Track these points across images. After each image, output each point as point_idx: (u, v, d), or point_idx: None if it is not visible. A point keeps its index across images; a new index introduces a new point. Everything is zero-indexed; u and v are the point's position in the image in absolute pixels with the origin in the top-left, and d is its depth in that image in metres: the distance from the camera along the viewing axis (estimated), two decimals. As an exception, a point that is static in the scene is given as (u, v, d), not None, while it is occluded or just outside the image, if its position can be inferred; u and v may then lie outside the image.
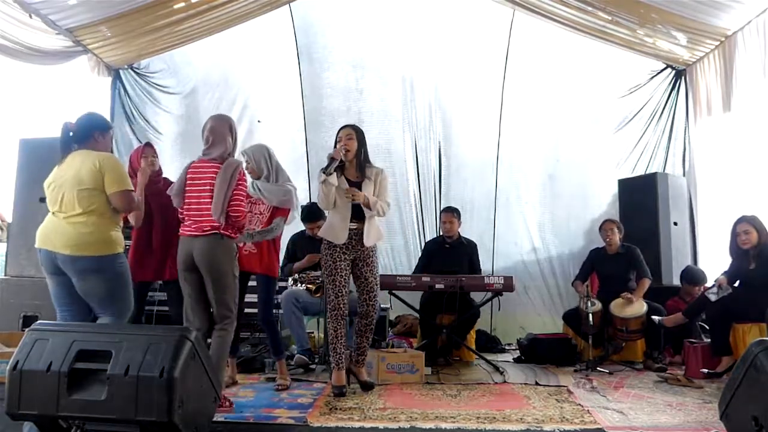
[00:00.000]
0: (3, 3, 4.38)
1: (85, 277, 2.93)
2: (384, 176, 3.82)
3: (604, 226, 5.13)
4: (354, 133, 3.79)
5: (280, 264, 4.96)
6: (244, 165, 3.68)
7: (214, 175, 3.24)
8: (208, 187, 3.22)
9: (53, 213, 3.02)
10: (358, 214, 3.71)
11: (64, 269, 2.94)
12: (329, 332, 3.79)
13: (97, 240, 2.95)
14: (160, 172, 3.83)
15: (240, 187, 3.25)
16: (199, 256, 3.16)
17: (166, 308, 4.05)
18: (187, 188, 3.27)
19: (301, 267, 4.78)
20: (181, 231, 3.29)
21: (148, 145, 3.88)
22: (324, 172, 3.61)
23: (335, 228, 3.74)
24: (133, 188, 3.14)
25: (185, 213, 3.29)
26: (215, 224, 3.18)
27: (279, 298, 4.58)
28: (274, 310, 4.07)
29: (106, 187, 2.98)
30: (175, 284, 3.44)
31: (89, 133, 3.13)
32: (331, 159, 3.64)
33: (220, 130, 3.33)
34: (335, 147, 3.76)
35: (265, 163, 3.85)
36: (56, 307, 3.09)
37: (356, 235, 3.71)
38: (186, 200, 3.28)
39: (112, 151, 3.45)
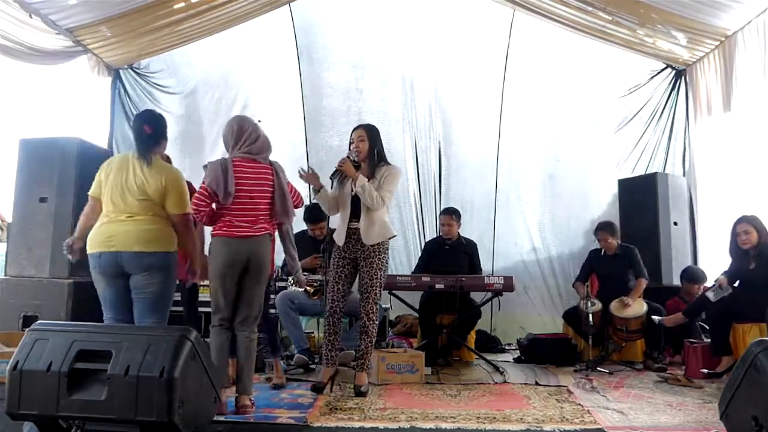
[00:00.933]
0: (3, 3, 4.38)
1: (150, 273, 3.00)
2: (390, 172, 3.73)
3: (597, 234, 5.14)
4: (365, 134, 3.77)
5: (281, 263, 5.01)
6: None
7: (270, 177, 3.25)
8: (268, 190, 3.23)
9: (114, 215, 3.04)
10: (357, 213, 3.70)
11: (129, 269, 2.99)
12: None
13: (164, 236, 3.08)
14: None
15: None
16: (257, 256, 3.18)
17: (180, 308, 4.06)
18: (240, 188, 3.16)
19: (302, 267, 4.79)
20: (226, 231, 3.18)
21: None
22: (330, 178, 3.71)
23: (338, 229, 3.78)
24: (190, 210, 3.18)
25: (232, 212, 3.18)
26: (268, 225, 3.23)
27: (274, 299, 4.63)
28: (271, 310, 4.09)
29: (168, 207, 3.09)
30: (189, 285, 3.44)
31: (161, 140, 3.22)
32: (336, 170, 3.70)
33: (255, 130, 3.30)
34: (350, 149, 3.80)
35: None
36: (111, 311, 3.08)
37: (355, 235, 3.70)
38: (235, 200, 3.17)
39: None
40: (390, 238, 3.76)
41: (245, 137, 3.26)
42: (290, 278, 4.70)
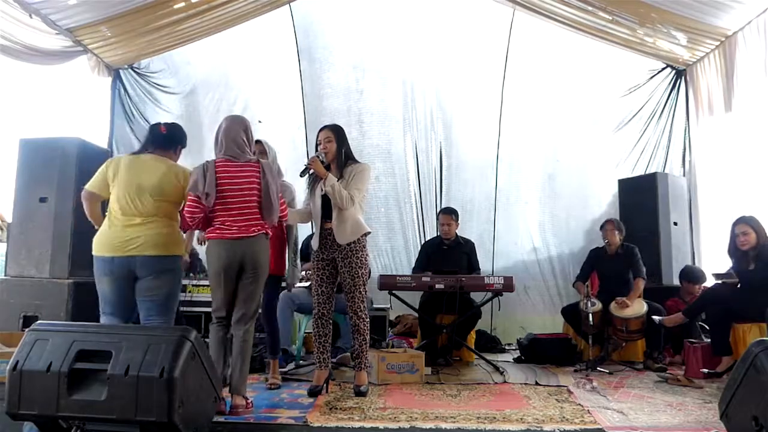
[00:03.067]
0: (3, 3, 4.38)
1: (161, 276, 3.04)
2: (358, 170, 3.68)
3: (605, 226, 5.14)
4: (332, 135, 3.73)
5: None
6: (257, 151, 3.73)
7: (256, 178, 3.23)
8: (254, 190, 3.22)
9: (127, 218, 3.05)
10: (327, 213, 3.69)
11: (141, 273, 3.02)
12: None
13: (176, 240, 3.15)
14: None
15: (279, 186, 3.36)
16: (251, 256, 3.18)
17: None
18: (225, 189, 3.16)
19: (307, 268, 4.84)
20: (218, 234, 3.18)
21: None
22: (300, 175, 3.74)
23: (314, 233, 3.81)
24: None
25: (221, 214, 3.18)
26: (261, 225, 3.22)
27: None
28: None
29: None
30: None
31: (176, 144, 3.27)
32: (305, 167, 3.69)
33: (237, 130, 3.27)
34: (316, 149, 3.77)
35: (273, 162, 3.90)
36: (107, 309, 3.10)
37: (330, 235, 3.69)
38: (222, 201, 3.17)
39: None
40: (364, 235, 3.70)
41: (231, 138, 3.23)
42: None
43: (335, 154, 3.71)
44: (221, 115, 6.17)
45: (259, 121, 6.41)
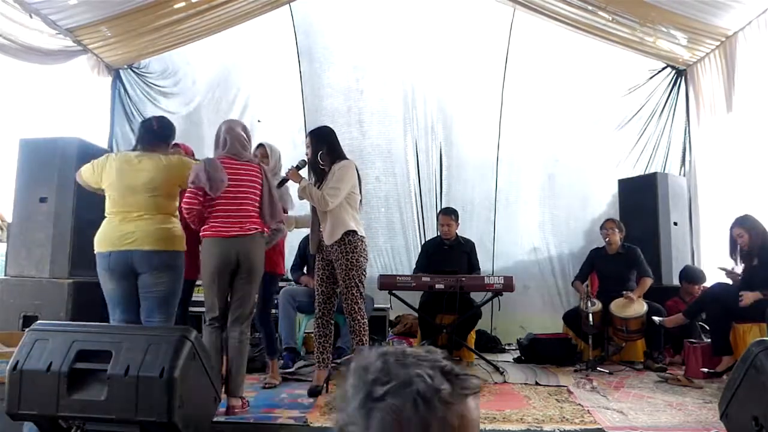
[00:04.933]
0: (3, 3, 4.38)
1: (160, 272, 3.02)
2: (337, 168, 3.64)
3: (605, 225, 5.14)
4: (310, 140, 3.78)
5: (292, 264, 5.09)
6: (259, 154, 3.79)
7: (255, 177, 3.26)
8: (252, 189, 3.24)
9: (124, 214, 3.05)
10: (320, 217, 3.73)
11: (140, 268, 3.01)
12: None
13: (175, 235, 3.12)
14: None
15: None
16: (246, 255, 3.18)
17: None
18: (227, 186, 3.17)
19: (306, 281, 4.86)
20: (214, 232, 3.18)
21: (176, 144, 3.98)
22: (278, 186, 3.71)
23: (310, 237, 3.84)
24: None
25: (219, 212, 3.19)
26: (259, 224, 3.23)
27: (278, 299, 4.63)
28: (272, 310, 4.11)
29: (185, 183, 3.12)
30: (187, 283, 3.48)
31: (168, 138, 3.27)
32: (282, 179, 3.72)
33: (238, 132, 3.33)
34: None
35: (277, 163, 3.93)
36: (118, 310, 3.09)
37: (323, 238, 3.70)
38: (220, 199, 3.18)
39: None
40: (350, 234, 3.62)
41: (234, 136, 3.28)
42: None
43: (311, 159, 3.74)
44: (221, 114, 6.22)
45: (259, 121, 6.42)
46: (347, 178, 3.65)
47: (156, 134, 3.21)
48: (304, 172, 3.82)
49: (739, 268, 4.46)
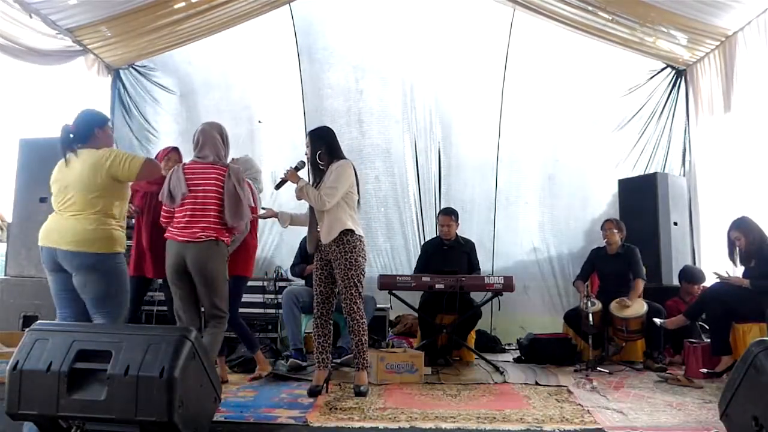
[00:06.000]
0: (3, 3, 4.38)
1: (84, 274, 2.93)
2: (334, 167, 3.65)
3: (605, 225, 5.15)
4: (308, 140, 3.81)
5: (292, 263, 5.13)
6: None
7: (218, 179, 3.25)
8: (213, 193, 3.24)
9: (57, 211, 3.02)
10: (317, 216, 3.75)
11: (64, 266, 2.94)
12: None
13: (99, 237, 2.95)
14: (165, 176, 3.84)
15: (248, 191, 3.36)
16: (192, 262, 3.21)
17: (165, 308, 4.08)
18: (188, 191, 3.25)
19: (311, 270, 4.84)
20: (169, 234, 3.28)
21: (176, 149, 4.03)
22: (276, 188, 3.83)
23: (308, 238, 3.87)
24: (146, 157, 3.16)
25: (176, 216, 3.27)
26: (210, 230, 3.21)
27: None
28: (240, 309, 4.13)
29: (123, 174, 2.97)
30: (141, 280, 3.55)
31: (90, 131, 3.11)
32: (281, 180, 3.76)
33: (211, 134, 3.36)
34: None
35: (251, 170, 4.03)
36: (56, 306, 3.10)
37: (321, 237, 3.71)
38: (186, 203, 3.25)
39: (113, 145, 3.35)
40: (343, 231, 3.61)
41: (201, 142, 3.33)
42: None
43: (310, 158, 3.77)
44: (221, 115, 6.21)
45: (259, 121, 6.42)
46: (344, 178, 3.65)
47: (77, 133, 3.09)
48: (304, 173, 3.83)
49: (739, 270, 4.46)
